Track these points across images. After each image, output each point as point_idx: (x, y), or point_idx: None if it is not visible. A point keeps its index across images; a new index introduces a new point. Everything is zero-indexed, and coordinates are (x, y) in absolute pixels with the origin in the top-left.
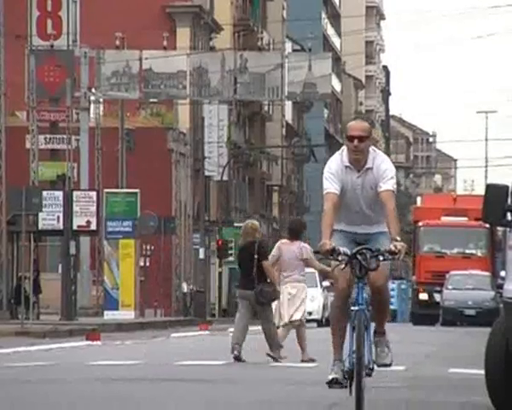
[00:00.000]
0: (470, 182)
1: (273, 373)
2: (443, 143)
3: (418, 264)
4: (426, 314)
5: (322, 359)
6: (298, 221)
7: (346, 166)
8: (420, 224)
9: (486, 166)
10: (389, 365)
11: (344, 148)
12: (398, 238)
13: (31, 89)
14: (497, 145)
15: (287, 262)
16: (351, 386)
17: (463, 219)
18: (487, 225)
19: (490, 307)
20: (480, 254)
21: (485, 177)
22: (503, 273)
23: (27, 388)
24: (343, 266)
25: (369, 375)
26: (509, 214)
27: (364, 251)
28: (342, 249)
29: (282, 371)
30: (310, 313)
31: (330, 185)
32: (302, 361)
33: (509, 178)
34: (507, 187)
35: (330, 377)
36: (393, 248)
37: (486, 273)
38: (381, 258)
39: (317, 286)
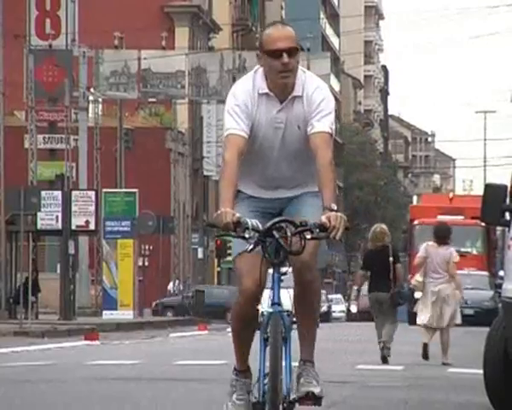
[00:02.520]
0: (469, 182)
1: None
2: (442, 142)
3: (414, 263)
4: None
5: (323, 359)
6: (445, 227)
7: (262, 95)
8: (415, 222)
9: (485, 166)
10: (318, 398)
11: (258, 69)
12: (334, 207)
13: (29, 88)
14: (496, 145)
15: (435, 265)
16: None
17: (459, 218)
18: (483, 224)
19: (489, 306)
20: (475, 252)
21: (484, 177)
22: (501, 273)
23: (26, 387)
24: (251, 247)
25: None
26: (507, 214)
27: (283, 225)
28: (251, 222)
29: None
30: None
31: (235, 124)
32: (443, 364)
33: (507, 178)
34: (505, 187)
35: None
36: (326, 221)
37: (485, 273)
38: (309, 236)
39: None
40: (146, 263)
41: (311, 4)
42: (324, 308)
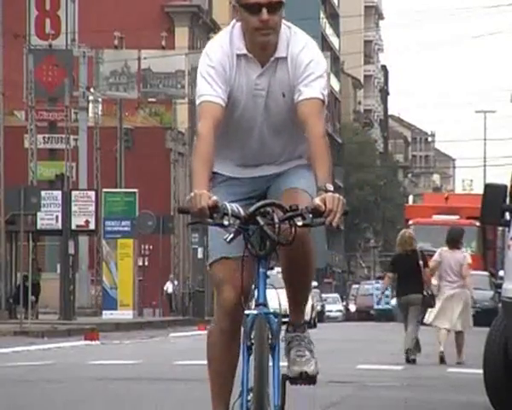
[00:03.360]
0: (469, 182)
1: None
2: (441, 142)
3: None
4: None
5: (321, 359)
6: (457, 230)
7: (240, 56)
8: (410, 222)
9: (485, 166)
10: (312, 377)
11: (235, 24)
12: (330, 187)
13: (29, 88)
14: (496, 145)
15: (450, 268)
16: None
17: (455, 218)
18: (478, 224)
19: (488, 306)
20: (470, 252)
21: (484, 177)
22: (501, 273)
23: (26, 387)
24: (231, 236)
25: None
26: (507, 214)
27: (270, 209)
28: (230, 207)
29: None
30: None
31: (210, 89)
32: (458, 363)
33: (507, 178)
34: (505, 187)
35: None
36: (320, 204)
37: (485, 273)
38: (300, 222)
39: None
40: (146, 263)
41: (310, 4)
42: (318, 308)
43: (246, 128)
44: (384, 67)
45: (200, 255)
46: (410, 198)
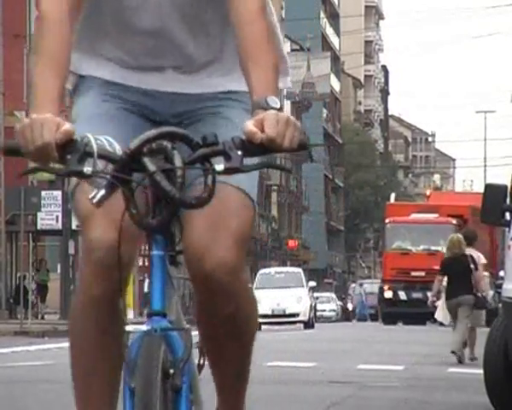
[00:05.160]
0: (469, 182)
1: (272, 373)
2: (442, 142)
3: (384, 261)
4: (392, 312)
5: (321, 359)
6: (471, 230)
7: None
8: (386, 221)
9: (485, 166)
10: None
11: None
12: (275, 102)
13: (29, 88)
14: (496, 145)
15: None
16: None
17: (433, 216)
18: (454, 222)
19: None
20: (445, 250)
21: (484, 177)
22: (501, 273)
23: (26, 387)
24: (100, 193)
25: None
26: (507, 214)
27: (167, 146)
28: (97, 141)
29: (280, 371)
30: (297, 315)
31: None
32: (471, 359)
33: (507, 178)
34: (506, 187)
35: None
36: (253, 130)
37: (485, 273)
38: (221, 165)
39: (303, 286)
40: (146, 263)
41: (311, 4)
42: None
43: (131, 3)
44: (384, 67)
45: None
46: (392, 196)
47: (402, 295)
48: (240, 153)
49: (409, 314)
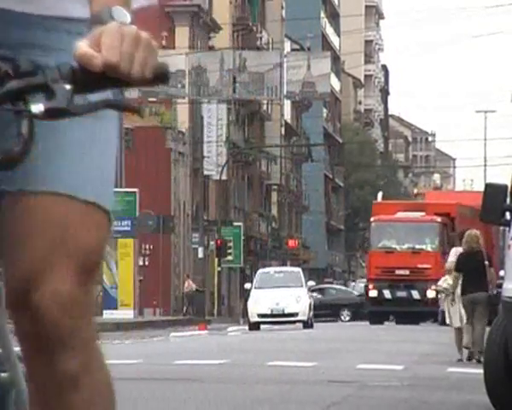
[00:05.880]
0: (469, 181)
1: (272, 373)
2: (442, 142)
3: (369, 260)
4: (378, 312)
5: (321, 359)
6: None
7: None
8: (371, 219)
9: (485, 166)
10: None
11: None
12: (120, 13)
13: None
14: (496, 145)
15: None
16: None
17: (419, 215)
18: (439, 220)
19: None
20: (429, 249)
21: (484, 177)
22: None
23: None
24: None
25: None
26: (507, 214)
27: None
28: None
29: (280, 370)
30: (296, 315)
31: None
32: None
33: (507, 178)
34: (505, 187)
35: None
36: (84, 52)
37: None
38: (38, 107)
39: (302, 286)
40: (146, 262)
41: (311, 4)
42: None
43: None
44: (384, 67)
45: (200, 255)
46: (379, 195)
47: (387, 293)
48: (69, 87)
49: (394, 313)
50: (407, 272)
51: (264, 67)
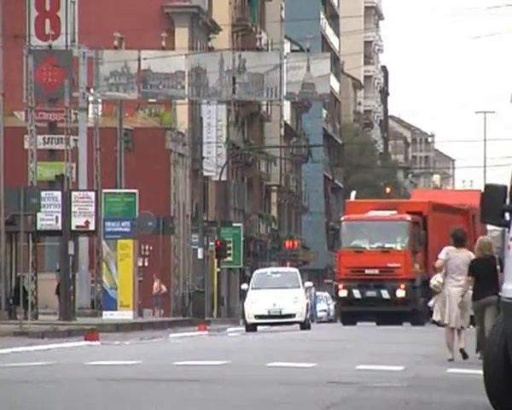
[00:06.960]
0: (469, 182)
1: (272, 373)
2: (441, 143)
3: (339, 260)
4: (349, 312)
5: (321, 359)
6: (462, 230)
7: None
8: (342, 218)
9: (485, 167)
10: None
11: None
12: None
13: (29, 89)
14: (496, 145)
15: (456, 267)
16: None
17: (390, 213)
18: (409, 218)
19: None
20: (399, 248)
21: (484, 177)
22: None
23: (26, 388)
24: None
25: None
26: (507, 214)
27: None
28: None
29: (280, 371)
30: (293, 315)
31: None
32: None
33: (507, 178)
34: (505, 187)
35: None
36: None
37: None
38: None
39: (299, 287)
40: (146, 263)
41: (310, 4)
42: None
43: None
44: (384, 68)
45: (200, 256)
46: (353, 194)
47: (356, 293)
48: None
49: (364, 313)
50: (376, 272)
51: (263, 68)
